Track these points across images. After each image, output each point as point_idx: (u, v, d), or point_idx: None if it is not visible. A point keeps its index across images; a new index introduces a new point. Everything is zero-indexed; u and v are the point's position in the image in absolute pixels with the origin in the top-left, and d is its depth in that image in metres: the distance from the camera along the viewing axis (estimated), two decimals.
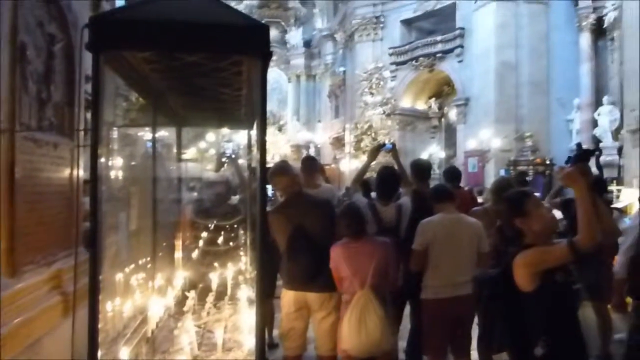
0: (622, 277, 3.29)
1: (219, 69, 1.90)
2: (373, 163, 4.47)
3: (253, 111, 2.45)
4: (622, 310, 3.49)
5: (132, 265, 2.70)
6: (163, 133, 3.75)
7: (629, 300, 3.49)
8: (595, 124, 16.03)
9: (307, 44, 31.25)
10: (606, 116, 15.57)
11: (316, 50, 30.70)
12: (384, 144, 4.41)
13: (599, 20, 16.35)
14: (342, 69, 25.78)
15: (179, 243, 3.32)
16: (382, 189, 3.97)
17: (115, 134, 2.77)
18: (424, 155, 18.95)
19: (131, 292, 2.51)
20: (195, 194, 4.39)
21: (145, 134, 3.80)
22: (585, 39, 16.90)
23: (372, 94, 20.20)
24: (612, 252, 4.26)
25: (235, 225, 4.18)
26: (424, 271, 3.48)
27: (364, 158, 19.64)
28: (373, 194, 4.45)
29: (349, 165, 20.79)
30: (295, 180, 3.59)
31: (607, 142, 15.25)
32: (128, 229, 2.78)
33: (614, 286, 3.56)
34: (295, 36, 31.05)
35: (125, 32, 1.57)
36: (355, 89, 21.48)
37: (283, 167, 3.62)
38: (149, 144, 3.25)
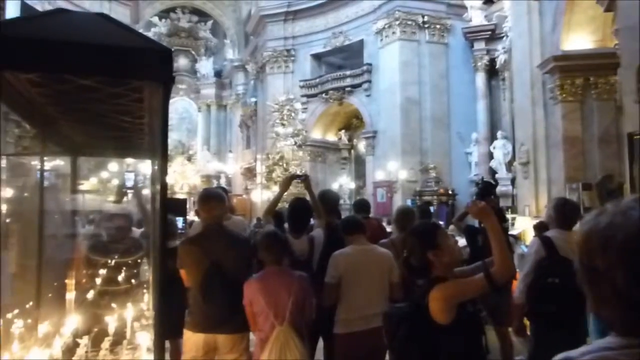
0: (521, 302, 3.45)
1: (117, 95, 1.75)
2: (285, 194, 4.42)
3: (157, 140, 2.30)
4: (522, 334, 3.65)
5: (15, 311, 2.39)
6: (58, 162, 3.45)
7: (527, 323, 3.68)
8: (491, 156, 17.25)
9: (218, 74, 31.09)
10: (500, 150, 16.83)
11: (227, 81, 30.59)
12: (297, 175, 4.39)
13: (492, 62, 17.79)
14: (253, 99, 25.80)
15: (71, 283, 3.01)
16: (294, 220, 3.92)
17: None
18: (334, 186, 19.29)
19: (9, 343, 2.21)
20: (91, 228, 4.05)
21: (35, 163, 3.47)
22: (481, 79, 18.29)
23: (283, 125, 20.34)
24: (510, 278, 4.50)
25: (139, 261, 3.90)
26: (336, 305, 3.43)
27: (275, 189, 19.70)
28: (285, 226, 4.38)
29: (261, 196, 20.62)
30: (225, 211, 3.45)
31: (502, 173, 16.44)
32: (7, 270, 2.46)
33: (513, 311, 3.73)
34: (205, 66, 30.80)
35: (8, 51, 1.39)
36: (267, 120, 21.54)
37: (220, 193, 3.45)
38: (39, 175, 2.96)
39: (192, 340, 3.19)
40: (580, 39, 10.38)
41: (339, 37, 21.15)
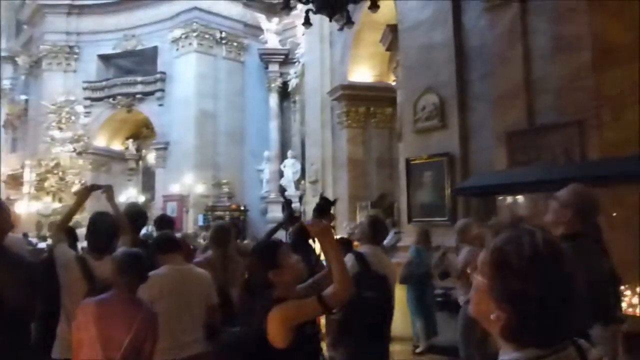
0: (338, 318, 3.55)
1: None
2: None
3: None
4: (336, 348, 3.77)
5: None
6: None
7: None
8: (281, 174, 18.07)
9: None
10: (290, 168, 17.81)
11: None
12: (97, 185, 3.86)
13: (285, 84, 18.74)
14: (24, 97, 22.45)
15: None
16: (95, 238, 3.39)
17: None
18: (121, 199, 17.84)
19: None
20: None
21: None
22: (274, 99, 19.13)
23: (61, 128, 18.12)
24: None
25: None
26: None
27: (47, 200, 17.34)
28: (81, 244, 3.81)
29: (28, 207, 17.89)
30: (10, 226, 2.79)
31: (291, 191, 17.33)
32: None
33: (328, 326, 3.84)
34: None
35: None
36: (40, 122, 18.91)
37: (2, 202, 2.75)
38: None
39: None
40: (364, 72, 11.61)
41: (131, 40, 19.80)
